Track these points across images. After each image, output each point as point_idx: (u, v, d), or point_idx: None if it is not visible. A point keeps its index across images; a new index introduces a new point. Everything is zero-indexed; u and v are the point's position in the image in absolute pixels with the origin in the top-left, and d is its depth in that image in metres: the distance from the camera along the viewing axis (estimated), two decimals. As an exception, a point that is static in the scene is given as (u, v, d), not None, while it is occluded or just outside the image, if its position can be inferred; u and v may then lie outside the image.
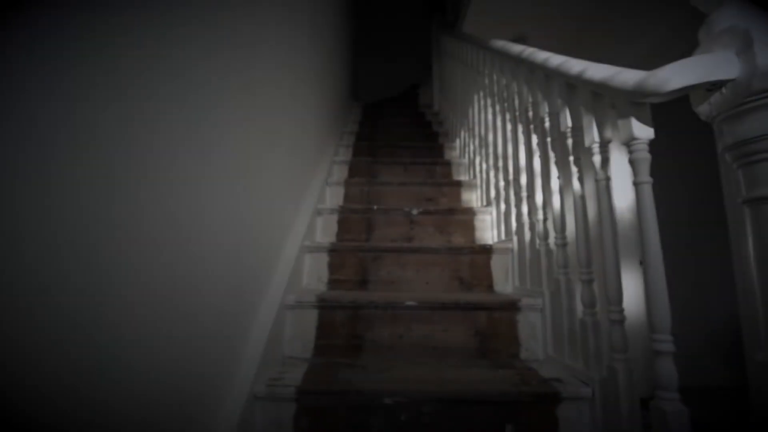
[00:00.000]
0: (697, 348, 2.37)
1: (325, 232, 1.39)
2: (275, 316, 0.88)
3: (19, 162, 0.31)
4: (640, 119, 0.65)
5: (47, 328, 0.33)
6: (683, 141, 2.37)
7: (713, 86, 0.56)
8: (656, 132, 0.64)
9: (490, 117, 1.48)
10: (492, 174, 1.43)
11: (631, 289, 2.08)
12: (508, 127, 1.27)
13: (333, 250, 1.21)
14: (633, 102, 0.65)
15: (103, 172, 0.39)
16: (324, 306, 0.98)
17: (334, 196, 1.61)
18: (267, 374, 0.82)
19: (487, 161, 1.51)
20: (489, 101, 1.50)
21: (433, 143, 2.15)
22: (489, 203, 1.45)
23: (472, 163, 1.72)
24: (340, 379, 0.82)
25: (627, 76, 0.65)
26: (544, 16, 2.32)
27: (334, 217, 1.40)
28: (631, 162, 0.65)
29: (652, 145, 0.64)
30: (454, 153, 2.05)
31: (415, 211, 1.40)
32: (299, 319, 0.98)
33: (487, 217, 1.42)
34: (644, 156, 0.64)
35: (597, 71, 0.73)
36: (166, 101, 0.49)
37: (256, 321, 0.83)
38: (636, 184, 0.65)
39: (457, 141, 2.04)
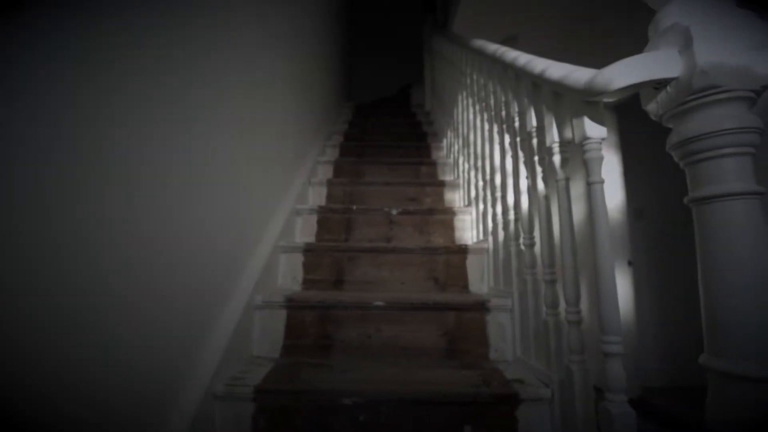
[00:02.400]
0: (691, 348, 2.34)
1: (304, 232, 1.39)
2: (240, 316, 0.89)
3: None
4: (592, 118, 0.64)
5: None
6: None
7: (659, 84, 0.55)
8: (655, 131, 0.63)
9: (471, 117, 1.48)
10: (473, 174, 1.42)
11: (619, 290, 2.06)
12: (486, 127, 1.27)
13: (308, 250, 1.21)
14: (586, 101, 0.64)
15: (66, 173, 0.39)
16: (292, 306, 0.99)
17: (317, 196, 1.61)
18: (229, 374, 0.82)
19: (468, 161, 1.50)
20: (470, 101, 1.49)
21: (422, 143, 2.15)
22: (470, 203, 1.45)
23: (456, 163, 1.72)
24: (303, 378, 0.82)
25: (579, 75, 0.64)
26: (536, 16, 2.30)
27: (314, 217, 1.41)
28: (585, 161, 0.65)
29: (651, 144, 0.63)
30: (441, 153, 2.04)
31: (394, 212, 1.40)
32: (268, 319, 0.99)
33: (467, 217, 1.41)
34: (597, 155, 0.64)
35: (556, 70, 0.73)
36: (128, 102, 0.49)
37: (219, 321, 0.83)
38: (589, 183, 0.64)
39: (444, 141, 2.04)
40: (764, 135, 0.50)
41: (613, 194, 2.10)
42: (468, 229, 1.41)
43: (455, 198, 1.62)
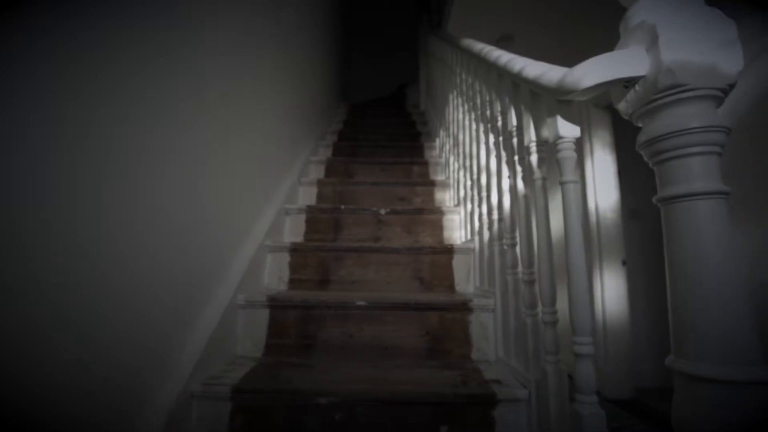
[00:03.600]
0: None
1: (293, 232, 1.40)
2: (222, 316, 0.89)
3: None
4: (566, 117, 0.64)
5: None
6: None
7: (629, 83, 0.55)
8: None
9: (461, 116, 1.47)
10: (461, 174, 1.42)
11: (613, 289, 2.05)
12: (473, 126, 1.26)
13: (294, 250, 1.21)
14: (559, 100, 0.64)
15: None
16: (275, 306, 0.99)
17: (308, 196, 1.61)
18: (209, 373, 0.82)
19: (458, 161, 1.50)
20: (460, 100, 1.49)
21: (415, 143, 2.15)
22: (459, 203, 1.44)
23: (447, 162, 1.71)
24: (281, 378, 0.82)
25: (553, 74, 0.64)
26: (531, 15, 2.29)
27: (302, 217, 1.41)
28: (558, 161, 0.64)
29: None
30: (434, 153, 2.04)
31: (383, 211, 1.40)
32: (251, 318, 0.99)
33: (456, 217, 1.41)
34: (570, 155, 0.63)
35: (532, 69, 0.72)
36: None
37: (199, 321, 0.83)
38: (562, 183, 0.64)
39: (437, 141, 2.04)
40: (731, 134, 0.50)
41: (608, 194, 2.09)
42: (457, 229, 1.40)
43: (446, 198, 1.62)
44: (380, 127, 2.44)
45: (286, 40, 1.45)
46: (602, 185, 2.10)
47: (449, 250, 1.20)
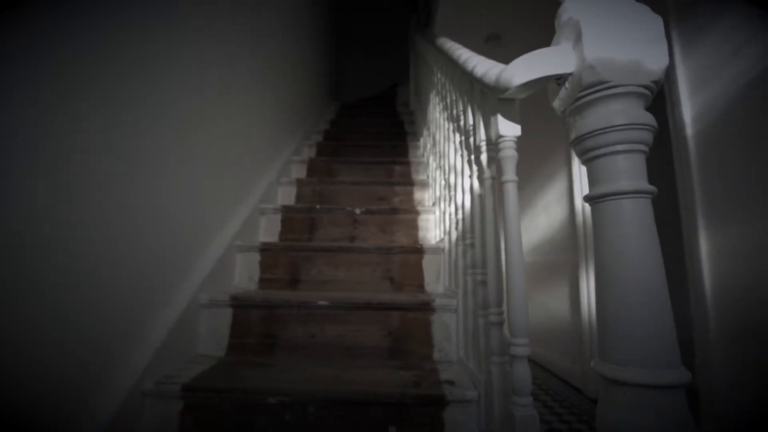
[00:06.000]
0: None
1: (269, 231, 1.40)
2: (181, 315, 0.89)
3: None
4: (506, 116, 0.63)
5: None
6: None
7: (560, 80, 0.54)
8: None
9: (437, 115, 1.46)
10: (438, 173, 1.41)
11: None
12: (446, 125, 1.26)
13: (264, 250, 1.21)
14: (500, 99, 0.63)
15: None
16: (237, 305, 0.99)
17: (287, 196, 1.61)
18: (165, 371, 0.82)
19: (435, 160, 1.49)
20: (437, 99, 1.48)
21: (400, 142, 2.14)
22: (435, 202, 1.43)
23: (428, 162, 1.71)
24: (235, 377, 0.82)
25: (494, 72, 0.63)
26: (518, 14, 2.27)
27: (278, 217, 1.41)
28: (498, 160, 0.64)
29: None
30: (418, 152, 2.03)
31: (358, 211, 1.40)
32: (214, 317, 0.99)
33: (431, 217, 1.40)
34: (511, 154, 0.63)
35: (480, 67, 0.72)
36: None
37: (156, 320, 0.84)
38: (503, 182, 0.63)
39: (421, 140, 2.03)
40: (657, 132, 0.49)
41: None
42: (432, 229, 1.40)
43: (425, 197, 1.61)
44: (368, 127, 2.44)
45: (264, 46, 1.45)
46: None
47: (419, 250, 1.19)
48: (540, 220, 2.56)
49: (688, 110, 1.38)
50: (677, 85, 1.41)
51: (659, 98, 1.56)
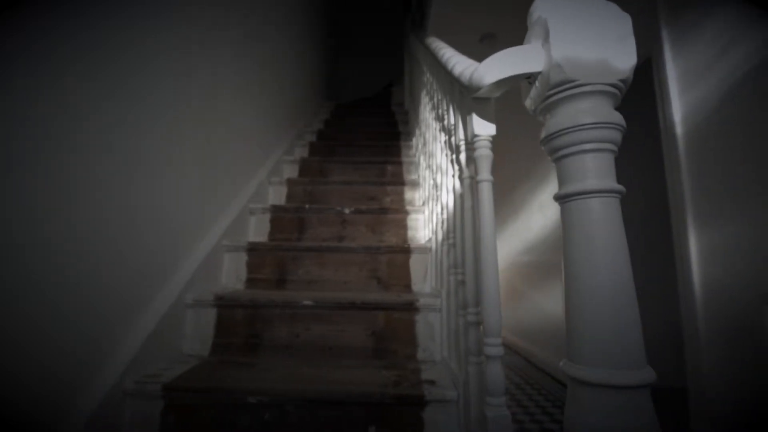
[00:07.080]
0: (667, 350, 2.28)
1: (258, 231, 1.40)
2: (165, 315, 0.89)
3: None
4: (480, 115, 0.63)
5: None
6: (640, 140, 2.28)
7: (531, 79, 0.54)
8: (630, 131, 0.60)
9: (427, 114, 1.46)
10: (427, 173, 1.41)
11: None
12: (434, 125, 1.26)
13: (252, 250, 1.21)
14: (475, 98, 0.63)
15: None
16: (222, 305, 0.99)
17: (277, 196, 1.61)
18: (147, 371, 0.83)
19: (425, 160, 1.49)
20: (427, 99, 1.48)
21: (393, 142, 2.14)
22: (425, 202, 1.43)
23: (419, 162, 1.70)
24: (217, 377, 0.82)
25: (468, 71, 0.63)
26: (513, 12, 2.27)
27: (267, 217, 1.41)
28: (474, 159, 0.63)
29: (626, 145, 0.60)
30: (411, 152, 2.03)
31: (347, 211, 1.40)
32: (199, 317, 0.99)
33: (421, 216, 1.40)
34: (485, 153, 0.63)
35: (458, 66, 0.72)
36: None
37: (139, 319, 0.84)
38: (477, 181, 0.63)
39: (414, 140, 2.03)
40: (625, 132, 0.48)
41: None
42: (421, 229, 1.40)
43: (415, 197, 1.61)
44: (362, 127, 2.44)
45: (254, 47, 1.45)
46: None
47: (406, 250, 1.19)
48: (535, 221, 2.55)
49: (678, 109, 1.37)
50: (667, 84, 1.41)
51: (649, 97, 1.56)
